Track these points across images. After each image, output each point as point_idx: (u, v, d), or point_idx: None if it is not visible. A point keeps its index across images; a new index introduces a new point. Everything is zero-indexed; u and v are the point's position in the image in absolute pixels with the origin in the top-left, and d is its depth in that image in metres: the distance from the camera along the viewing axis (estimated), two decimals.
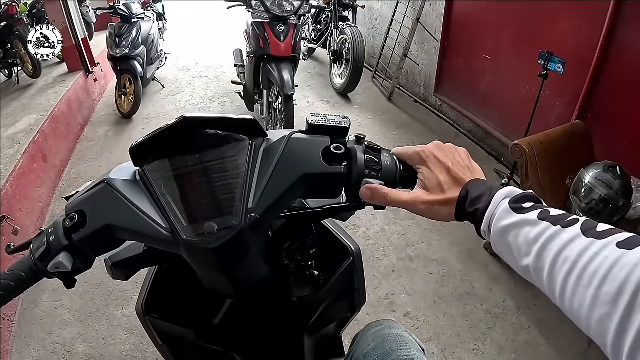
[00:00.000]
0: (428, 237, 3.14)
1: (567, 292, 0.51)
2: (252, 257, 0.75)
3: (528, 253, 0.57)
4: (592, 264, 0.49)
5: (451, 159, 0.74)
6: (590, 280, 0.48)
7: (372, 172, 0.74)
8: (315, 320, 0.97)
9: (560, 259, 0.53)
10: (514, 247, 0.60)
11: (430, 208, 0.71)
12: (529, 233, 0.58)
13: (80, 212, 0.73)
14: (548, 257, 0.54)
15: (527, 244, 0.58)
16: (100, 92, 6.29)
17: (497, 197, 0.65)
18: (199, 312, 0.93)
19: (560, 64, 2.73)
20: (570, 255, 0.52)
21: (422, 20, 4.83)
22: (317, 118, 0.79)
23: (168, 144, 0.75)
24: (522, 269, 0.60)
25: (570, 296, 0.51)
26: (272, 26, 3.79)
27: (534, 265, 0.57)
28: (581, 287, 0.49)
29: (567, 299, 0.51)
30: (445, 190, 0.71)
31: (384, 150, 0.79)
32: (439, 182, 0.72)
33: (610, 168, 2.32)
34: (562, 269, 0.52)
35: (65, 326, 2.58)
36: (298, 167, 0.73)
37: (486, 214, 0.65)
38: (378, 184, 0.73)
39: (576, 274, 0.50)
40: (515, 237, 0.60)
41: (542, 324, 2.47)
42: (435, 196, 0.71)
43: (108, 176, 0.76)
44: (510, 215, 0.61)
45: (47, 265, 0.71)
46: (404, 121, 4.97)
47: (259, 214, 0.69)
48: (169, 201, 0.72)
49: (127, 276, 0.89)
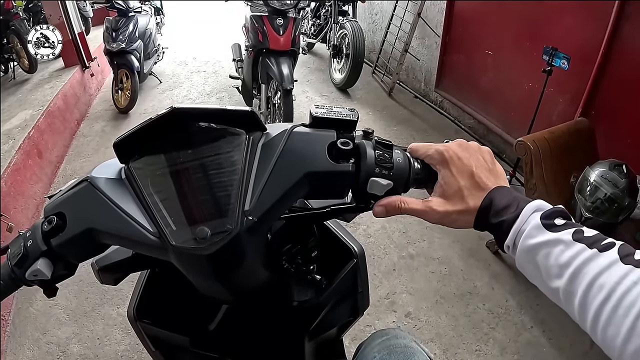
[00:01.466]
0: (429, 235, 3.10)
1: (601, 321, 0.48)
2: (250, 263, 0.69)
3: (560, 275, 0.54)
4: (631, 293, 0.46)
5: (475, 161, 0.69)
6: (628, 311, 0.45)
7: (383, 170, 0.68)
8: (316, 325, 0.92)
9: (596, 286, 0.49)
10: (543, 267, 0.56)
11: (448, 217, 0.67)
12: (562, 254, 0.54)
13: (59, 214, 0.67)
14: (582, 283, 0.51)
15: (559, 265, 0.54)
16: (97, 87, 6.24)
17: (527, 210, 0.60)
18: (194, 317, 0.88)
19: (565, 59, 2.68)
20: (607, 282, 0.48)
21: (423, 15, 4.78)
22: (321, 110, 0.73)
23: (156, 138, 0.69)
24: (550, 291, 0.56)
25: (604, 325, 0.47)
26: (271, 20, 3.74)
27: (566, 288, 0.53)
28: (617, 317, 0.46)
29: (601, 328, 0.48)
30: (466, 197, 0.66)
31: (396, 147, 0.73)
32: (459, 187, 0.66)
33: (616, 166, 2.28)
34: (598, 297, 0.49)
35: (60, 326, 2.54)
36: (301, 164, 0.67)
37: (513, 228, 0.60)
38: (386, 183, 0.68)
39: (612, 303, 0.47)
40: (546, 256, 0.56)
41: (545, 324, 2.44)
42: (454, 205, 0.66)
43: (90, 174, 0.70)
44: (542, 233, 0.57)
45: (25, 272, 0.65)
46: (404, 117, 4.93)
47: (257, 217, 0.63)
48: (156, 202, 0.66)
49: (117, 281, 0.83)
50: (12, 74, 5.62)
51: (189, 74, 6.60)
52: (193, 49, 7.72)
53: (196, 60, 7.15)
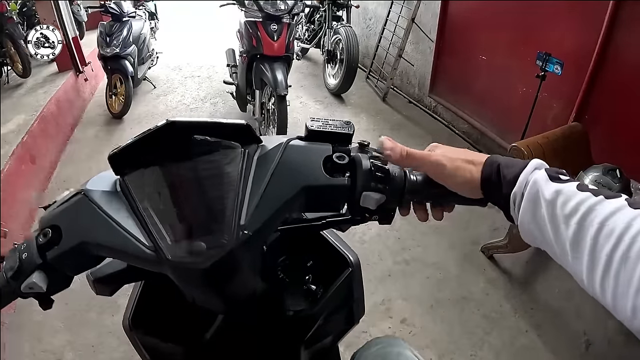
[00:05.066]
0: (424, 240, 3.10)
1: (613, 266, 0.46)
2: (245, 276, 0.69)
3: (567, 224, 0.52)
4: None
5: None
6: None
7: (378, 184, 0.69)
8: (312, 334, 0.92)
9: (605, 230, 0.48)
10: (550, 217, 0.55)
11: (455, 165, 0.66)
12: (568, 202, 0.53)
13: (54, 227, 0.67)
14: (590, 228, 0.49)
15: (566, 215, 0.53)
16: (91, 91, 6.21)
17: (532, 164, 0.61)
18: (189, 327, 0.87)
19: (558, 65, 2.70)
20: (616, 225, 0.47)
21: (417, 20, 4.80)
22: (317, 123, 0.73)
23: (152, 150, 0.69)
24: (558, 247, 0.55)
25: (617, 272, 0.46)
26: (265, 25, 3.74)
27: (574, 238, 0.51)
28: (630, 262, 0.45)
29: (613, 275, 0.46)
30: (469, 158, 0.67)
31: None
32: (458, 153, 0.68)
33: (609, 171, 2.29)
34: (608, 242, 0.47)
35: (55, 333, 2.52)
36: (296, 178, 0.67)
37: (521, 177, 0.60)
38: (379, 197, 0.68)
39: (623, 247, 0.46)
40: (551, 205, 0.55)
41: (540, 328, 2.44)
42: (458, 155, 0.67)
43: (85, 186, 0.70)
44: (548, 184, 0.57)
45: (21, 285, 0.64)
46: (398, 122, 4.95)
47: (252, 231, 0.63)
48: (152, 215, 0.65)
49: (112, 292, 0.83)
50: (5, 78, 5.57)
51: (183, 79, 6.59)
52: (187, 54, 7.71)
53: (190, 65, 7.14)
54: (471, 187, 0.66)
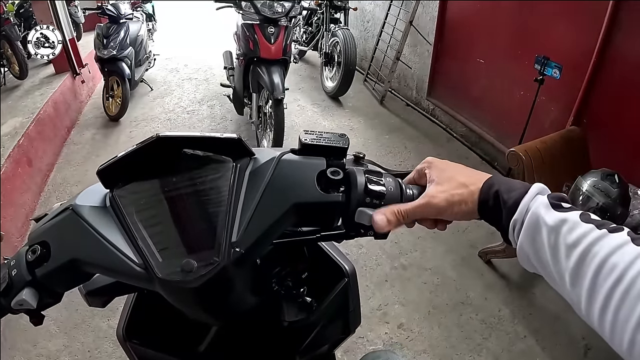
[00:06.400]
0: (421, 245, 3.09)
1: (612, 304, 0.46)
2: (237, 292, 0.68)
3: (568, 255, 0.52)
4: None
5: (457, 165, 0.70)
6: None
7: (374, 199, 0.67)
8: (307, 344, 0.91)
9: (607, 266, 0.47)
10: (550, 246, 0.54)
11: (450, 198, 0.65)
12: (570, 233, 0.52)
13: (43, 244, 0.66)
14: (592, 263, 0.49)
15: (567, 245, 0.52)
16: (88, 93, 6.19)
17: (533, 189, 0.60)
18: (184, 338, 0.86)
19: (557, 69, 2.70)
20: (619, 262, 0.47)
21: (414, 23, 4.79)
22: (311, 136, 0.72)
23: (141, 165, 0.68)
24: (555, 274, 0.54)
25: (616, 309, 0.46)
26: (263, 28, 3.72)
27: (574, 269, 0.51)
28: (630, 300, 0.44)
29: (612, 311, 0.46)
30: (463, 180, 0.66)
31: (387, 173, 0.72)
32: (453, 174, 0.67)
33: (608, 176, 2.28)
34: (609, 278, 0.47)
35: (50, 338, 2.51)
36: (289, 194, 0.66)
37: (522, 203, 0.59)
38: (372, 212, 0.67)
39: (625, 284, 0.45)
40: (553, 234, 0.54)
41: (538, 333, 2.43)
42: (453, 188, 0.66)
43: (74, 201, 0.69)
44: (549, 211, 0.56)
45: (10, 301, 0.64)
46: (396, 125, 4.93)
47: (244, 249, 0.62)
48: (141, 231, 0.64)
49: (105, 303, 0.82)
50: (2, 79, 5.56)
51: (180, 81, 6.57)
52: (184, 56, 7.69)
53: (187, 68, 7.12)
54: (469, 217, 0.66)
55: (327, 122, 5.07)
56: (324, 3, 5.52)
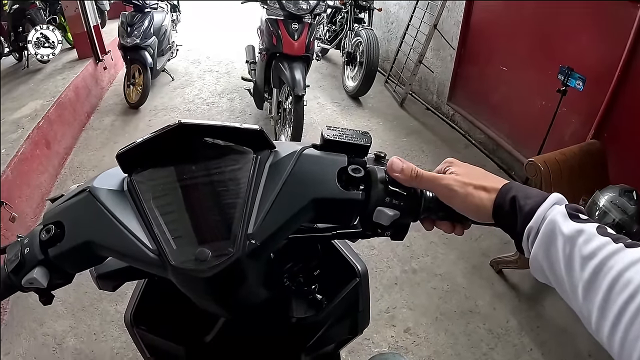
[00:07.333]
0: (433, 250, 3.07)
1: (624, 319, 0.45)
2: (249, 285, 0.67)
3: (582, 267, 0.51)
4: None
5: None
6: None
7: (394, 199, 0.67)
8: (314, 341, 0.90)
9: (622, 281, 0.46)
10: (564, 257, 0.53)
11: (464, 188, 0.64)
12: (586, 245, 0.51)
13: (58, 224, 0.66)
14: (607, 276, 0.48)
15: (583, 257, 0.51)
16: (109, 80, 6.26)
17: (551, 199, 0.59)
18: (191, 327, 0.86)
19: (580, 80, 2.66)
20: (634, 278, 0.45)
21: (439, 27, 4.76)
22: (333, 132, 0.71)
23: (161, 151, 0.68)
24: (568, 285, 0.53)
25: (627, 325, 0.44)
26: (287, 24, 3.73)
27: (588, 282, 0.50)
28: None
29: (623, 327, 0.45)
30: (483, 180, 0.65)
31: None
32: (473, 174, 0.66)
33: (626, 192, 2.25)
34: (624, 293, 0.46)
35: (57, 318, 2.54)
36: (309, 189, 0.65)
37: (538, 211, 0.58)
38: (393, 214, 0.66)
39: (639, 301, 0.44)
40: (568, 245, 0.53)
41: (544, 346, 2.40)
42: (472, 179, 0.65)
43: (92, 183, 0.68)
44: (566, 221, 0.55)
45: (21, 279, 0.63)
46: (414, 128, 4.91)
47: (260, 241, 0.61)
48: (157, 218, 0.64)
49: (115, 287, 0.82)
50: (25, 62, 5.62)
51: (202, 72, 6.60)
52: (207, 48, 7.74)
53: (209, 60, 7.16)
54: (481, 215, 0.64)
55: (346, 121, 5.06)
56: (349, 2, 5.51)
